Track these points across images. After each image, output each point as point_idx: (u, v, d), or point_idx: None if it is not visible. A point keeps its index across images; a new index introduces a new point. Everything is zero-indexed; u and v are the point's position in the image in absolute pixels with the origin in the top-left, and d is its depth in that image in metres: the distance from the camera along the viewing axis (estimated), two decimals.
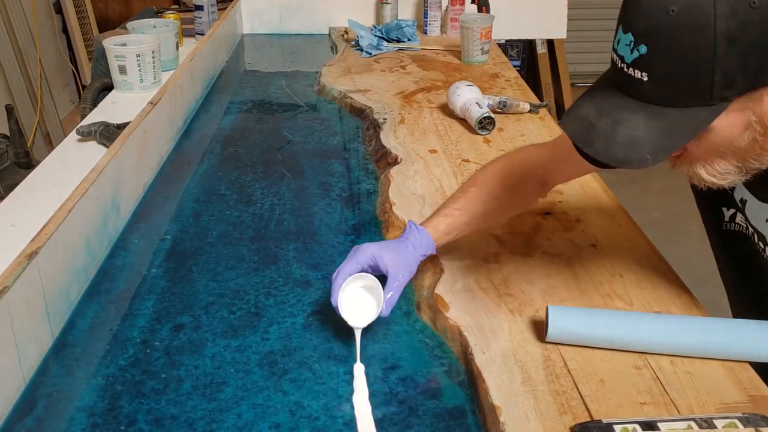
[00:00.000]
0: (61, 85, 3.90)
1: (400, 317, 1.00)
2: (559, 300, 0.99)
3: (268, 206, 1.32)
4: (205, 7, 2.27)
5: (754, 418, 0.76)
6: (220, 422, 0.81)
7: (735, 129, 0.72)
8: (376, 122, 1.65)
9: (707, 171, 0.78)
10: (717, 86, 0.67)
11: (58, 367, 0.91)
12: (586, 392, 0.82)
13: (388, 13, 2.43)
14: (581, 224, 1.19)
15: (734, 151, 0.75)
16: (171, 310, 1.01)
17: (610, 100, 0.72)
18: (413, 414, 0.83)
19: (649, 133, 0.70)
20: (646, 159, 0.70)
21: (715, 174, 0.78)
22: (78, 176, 1.13)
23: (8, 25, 3.28)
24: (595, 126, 0.72)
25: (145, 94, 1.70)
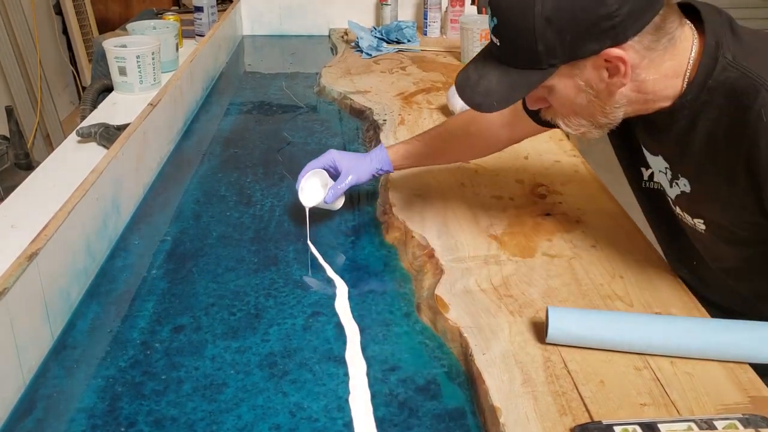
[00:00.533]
0: (61, 87, 3.90)
1: (400, 318, 1.00)
2: (560, 301, 0.99)
3: (268, 207, 1.32)
4: (204, 8, 2.27)
5: (754, 419, 0.76)
6: (220, 423, 0.81)
7: (570, 90, 0.88)
8: (375, 123, 1.65)
9: (565, 123, 0.95)
10: (542, 55, 0.83)
11: (58, 368, 0.91)
12: (587, 393, 0.82)
13: (388, 15, 2.43)
14: (581, 225, 1.20)
15: (579, 109, 0.91)
16: (171, 312, 1.01)
17: (484, 61, 0.90)
18: (413, 415, 0.83)
19: (499, 86, 0.88)
20: (494, 105, 0.89)
21: (571, 126, 0.94)
22: (78, 177, 1.13)
23: (8, 26, 3.28)
24: (469, 78, 0.91)
25: (145, 96, 1.70)
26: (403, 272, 1.12)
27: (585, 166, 1.43)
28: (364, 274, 1.11)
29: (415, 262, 1.13)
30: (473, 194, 1.30)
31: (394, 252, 1.17)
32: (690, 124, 0.89)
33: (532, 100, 0.94)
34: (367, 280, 1.10)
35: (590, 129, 0.93)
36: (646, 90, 0.88)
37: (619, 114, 0.91)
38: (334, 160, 1.21)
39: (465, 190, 1.31)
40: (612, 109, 0.89)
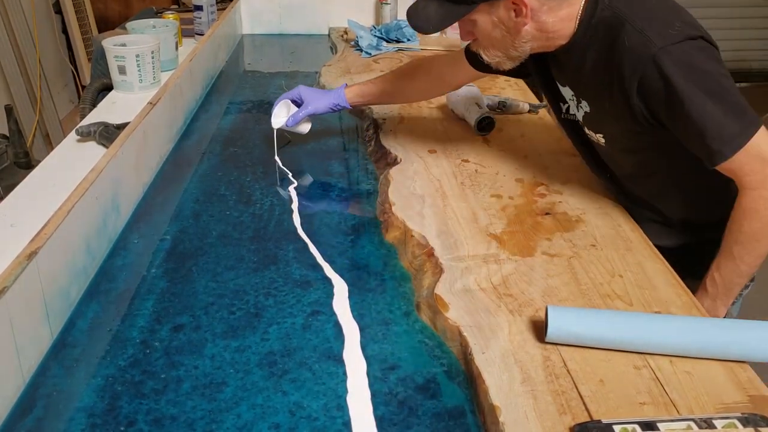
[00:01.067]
0: (61, 86, 3.89)
1: (400, 317, 1.00)
2: (559, 300, 0.99)
3: (268, 206, 1.32)
4: (204, 7, 2.27)
5: (754, 418, 0.76)
6: (219, 422, 0.81)
7: (488, 25, 1.12)
8: (375, 122, 1.65)
9: (486, 55, 1.18)
10: None
11: (58, 367, 0.91)
12: (586, 392, 0.82)
13: (388, 14, 2.43)
14: (581, 224, 1.20)
15: (495, 42, 1.14)
16: (171, 311, 1.01)
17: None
18: (413, 414, 0.83)
19: (435, 15, 1.12)
20: (430, 29, 1.13)
21: (489, 56, 1.18)
22: (78, 176, 1.13)
23: (8, 25, 3.28)
24: (417, 8, 1.14)
25: (145, 95, 1.70)
26: (403, 271, 1.12)
27: (585, 166, 1.42)
28: (364, 273, 1.11)
29: (414, 261, 1.13)
30: (473, 193, 1.30)
31: (393, 251, 1.17)
32: (582, 56, 1.12)
33: (464, 33, 1.18)
34: (367, 279, 1.10)
35: (504, 60, 1.18)
36: (547, 30, 1.10)
37: (526, 48, 1.14)
38: (300, 93, 1.50)
39: (465, 189, 1.31)
40: (520, 43, 1.13)
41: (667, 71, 1.00)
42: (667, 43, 1.01)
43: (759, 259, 1.06)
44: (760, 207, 1.02)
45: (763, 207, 1.02)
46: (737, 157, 1.00)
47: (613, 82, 1.07)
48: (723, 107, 1.00)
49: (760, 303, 2.61)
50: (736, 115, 1.00)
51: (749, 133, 1.00)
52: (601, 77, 1.09)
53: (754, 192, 1.02)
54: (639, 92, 1.04)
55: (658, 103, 1.03)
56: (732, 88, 1.02)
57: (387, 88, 1.51)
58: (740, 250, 1.05)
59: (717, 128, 0.99)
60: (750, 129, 1.00)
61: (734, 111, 1.00)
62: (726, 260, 1.07)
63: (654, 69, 1.01)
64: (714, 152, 1.01)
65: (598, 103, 1.14)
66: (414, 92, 1.55)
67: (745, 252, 1.05)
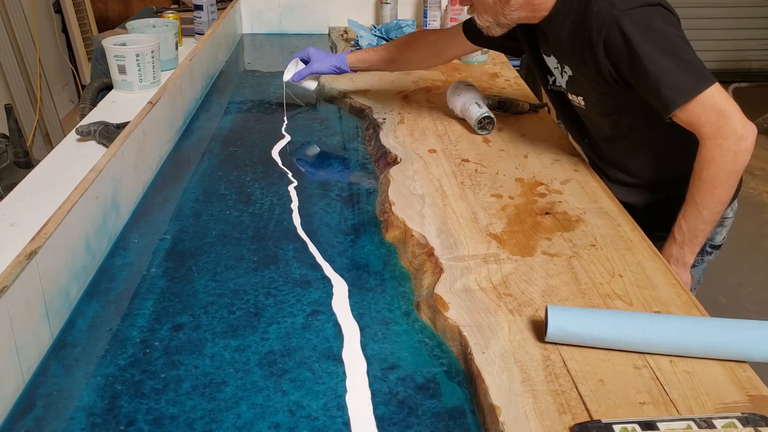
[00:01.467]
0: (61, 85, 3.89)
1: (400, 317, 1.00)
2: (559, 300, 0.99)
3: (268, 206, 1.32)
4: (204, 6, 2.27)
5: (753, 418, 0.76)
6: (219, 422, 0.81)
7: None
8: (375, 122, 1.65)
9: (479, 19, 1.32)
10: None
11: (58, 366, 0.91)
12: (586, 392, 0.82)
13: (388, 13, 2.43)
14: (581, 224, 1.20)
15: (488, 8, 1.28)
16: (170, 310, 1.01)
17: None
18: (413, 414, 0.83)
19: None
20: None
21: (483, 22, 1.32)
22: (77, 176, 1.13)
23: (8, 25, 3.28)
24: None
25: (145, 94, 1.71)
26: (403, 271, 1.12)
27: (585, 165, 1.43)
28: (364, 272, 1.11)
29: (414, 260, 1.13)
30: (473, 193, 1.30)
31: (393, 250, 1.17)
32: (561, 25, 1.24)
33: None
34: (367, 278, 1.10)
35: (494, 26, 1.32)
36: (533, 1, 1.25)
37: (514, 16, 1.28)
38: (308, 53, 1.70)
39: (465, 189, 1.32)
40: (509, 11, 1.27)
41: (627, 31, 1.13)
42: (628, 7, 1.13)
43: (719, 205, 1.16)
44: (716, 155, 1.12)
45: (719, 155, 1.12)
46: (692, 108, 1.11)
47: (585, 45, 1.20)
48: (678, 63, 1.12)
49: (760, 303, 2.61)
50: (691, 70, 1.12)
51: (703, 86, 1.10)
52: (577, 42, 1.23)
53: (711, 141, 1.12)
54: (605, 52, 1.17)
55: (622, 61, 1.16)
56: (688, 49, 1.14)
57: (386, 56, 1.67)
58: (702, 197, 1.15)
59: (671, 80, 1.11)
60: (704, 83, 1.11)
61: (689, 67, 1.12)
62: (690, 208, 1.17)
63: (616, 30, 1.14)
64: (669, 101, 1.12)
65: (577, 68, 1.28)
66: (411, 61, 1.69)
67: (706, 198, 1.15)
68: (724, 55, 4.84)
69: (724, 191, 1.15)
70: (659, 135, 1.27)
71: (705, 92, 1.10)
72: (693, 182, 1.16)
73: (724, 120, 1.11)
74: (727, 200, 1.16)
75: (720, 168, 1.13)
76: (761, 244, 3.03)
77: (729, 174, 1.14)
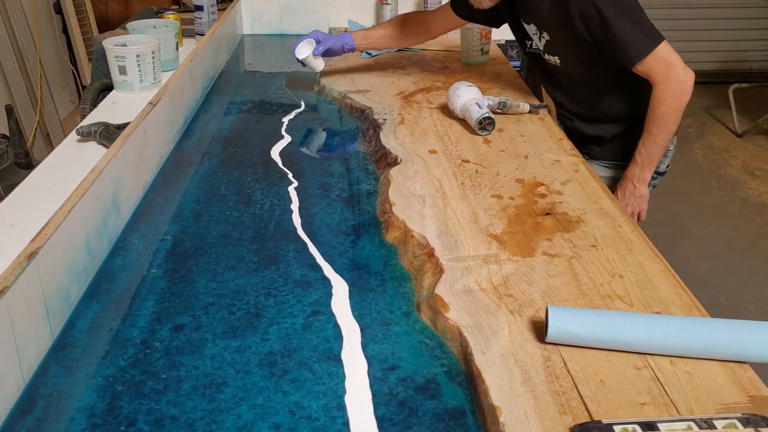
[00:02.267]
0: (61, 86, 3.90)
1: (400, 317, 1.00)
2: (559, 300, 0.99)
3: (268, 206, 1.32)
4: (205, 7, 2.27)
5: (754, 418, 0.76)
6: (220, 423, 0.81)
7: None
8: (376, 123, 1.65)
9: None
10: None
11: (58, 367, 0.91)
12: (586, 393, 0.82)
13: (388, 14, 2.43)
14: (581, 224, 1.20)
15: None
16: (171, 311, 1.01)
17: None
18: (413, 414, 0.83)
19: None
20: None
21: None
22: (78, 176, 1.13)
23: (8, 25, 3.28)
24: None
25: (145, 95, 1.71)
26: (403, 271, 1.12)
27: (585, 165, 1.43)
28: (364, 273, 1.11)
29: (414, 261, 1.13)
30: (473, 194, 1.30)
31: (393, 251, 1.17)
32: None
33: None
34: (367, 279, 1.10)
35: None
36: None
37: None
38: (317, 36, 1.90)
39: (465, 189, 1.32)
40: None
41: (600, 4, 1.45)
42: None
43: (669, 134, 1.52)
44: (665, 96, 1.47)
45: (668, 96, 1.47)
46: (648, 61, 1.45)
47: (564, 16, 1.51)
48: (637, 27, 1.46)
49: (761, 303, 2.61)
50: (646, 32, 1.46)
51: (656, 44, 1.45)
52: (555, 13, 1.53)
53: (661, 86, 1.47)
54: (581, 19, 1.49)
55: (595, 28, 1.48)
56: (642, 14, 1.49)
57: (386, 34, 1.94)
58: (656, 129, 1.51)
59: (633, 41, 1.45)
60: (656, 41, 1.45)
61: (644, 30, 1.47)
62: (647, 137, 1.53)
63: (591, 3, 1.46)
64: (632, 58, 1.46)
65: (555, 32, 1.58)
66: (406, 38, 1.96)
67: (659, 129, 1.51)
68: (724, 56, 4.84)
69: (672, 123, 1.50)
70: (619, 81, 1.58)
71: (657, 48, 1.45)
72: (648, 117, 1.51)
73: (671, 69, 1.45)
74: (674, 130, 1.52)
75: (669, 105, 1.48)
76: (761, 245, 3.03)
77: (675, 110, 1.49)
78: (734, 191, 3.48)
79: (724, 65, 4.83)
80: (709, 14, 4.72)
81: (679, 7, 4.67)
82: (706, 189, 3.51)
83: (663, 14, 4.66)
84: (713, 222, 3.21)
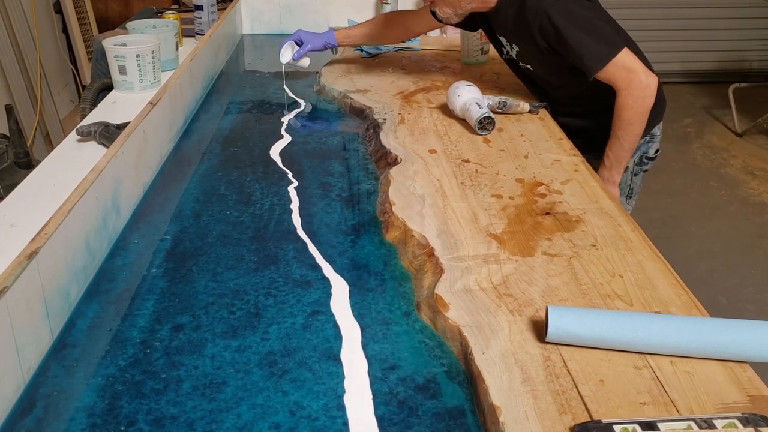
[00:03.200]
0: (61, 85, 3.89)
1: (400, 317, 1.00)
2: (559, 300, 0.99)
3: (268, 206, 1.32)
4: (204, 7, 2.27)
5: (754, 418, 0.76)
6: (219, 422, 0.81)
7: None
8: (375, 122, 1.65)
9: (440, 12, 1.70)
10: None
11: (58, 367, 0.91)
12: (586, 392, 0.82)
13: None
14: (581, 224, 1.20)
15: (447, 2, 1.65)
16: (171, 310, 1.01)
17: None
18: (413, 414, 0.83)
19: None
20: None
21: (443, 12, 1.69)
22: (78, 176, 1.13)
23: (8, 25, 3.28)
24: None
25: (145, 95, 1.71)
26: (403, 271, 1.12)
27: (585, 165, 1.43)
28: (364, 272, 1.11)
29: (414, 261, 1.13)
30: (473, 193, 1.30)
31: (393, 251, 1.17)
32: (506, 13, 1.61)
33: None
34: (367, 279, 1.10)
35: (452, 16, 1.69)
36: None
37: (468, 8, 1.66)
38: (299, 36, 1.98)
39: (465, 189, 1.32)
40: (465, 4, 1.64)
41: (554, 19, 1.51)
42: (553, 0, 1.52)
43: (635, 137, 1.56)
44: (629, 102, 1.51)
45: (631, 101, 1.51)
46: (608, 69, 1.50)
47: (525, 30, 1.58)
48: (594, 38, 1.50)
49: (761, 303, 2.61)
50: (604, 42, 1.50)
51: (614, 52, 1.49)
52: (518, 28, 1.60)
53: (624, 92, 1.51)
54: (540, 34, 1.54)
55: (553, 40, 1.54)
56: (601, 25, 1.53)
57: (367, 32, 2.00)
58: (621, 133, 1.55)
59: (590, 51, 1.50)
60: (615, 50, 1.49)
61: (602, 39, 1.51)
62: (613, 141, 1.57)
63: (546, 18, 1.52)
64: (590, 67, 1.51)
65: (521, 44, 1.67)
66: (387, 37, 2.02)
67: (624, 134, 1.55)
68: (724, 56, 4.84)
69: (637, 126, 1.54)
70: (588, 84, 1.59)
71: (616, 57, 1.49)
72: (614, 122, 1.55)
73: (633, 75, 1.49)
74: (640, 132, 1.56)
75: (633, 110, 1.51)
76: (761, 245, 3.03)
77: (639, 114, 1.52)
78: (734, 191, 3.48)
79: (724, 65, 4.83)
80: (709, 14, 4.72)
81: (679, 7, 4.67)
82: (706, 189, 3.51)
83: (663, 14, 4.67)
84: (713, 222, 3.21)
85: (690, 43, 4.77)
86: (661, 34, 4.70)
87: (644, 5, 4.64)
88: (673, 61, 4.80)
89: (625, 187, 1.75)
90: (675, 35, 4.74)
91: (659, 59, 4.72)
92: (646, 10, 4.64)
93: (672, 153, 3.83)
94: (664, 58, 4.77)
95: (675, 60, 4.81)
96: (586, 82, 1.58)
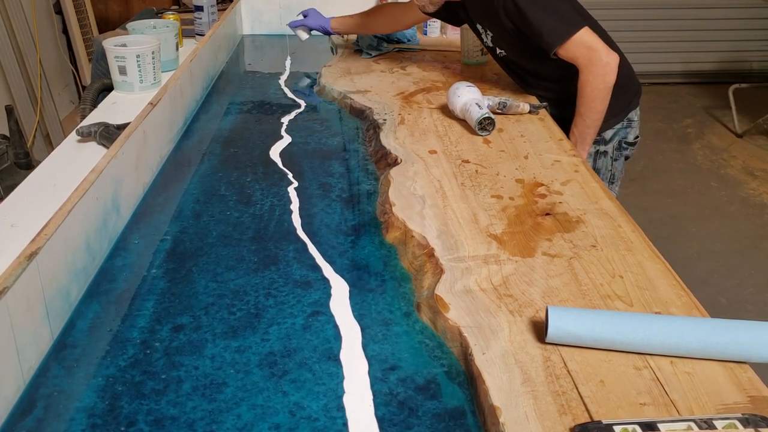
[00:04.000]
0: (61, 86, 3.90)
1: (400, 318, 1.00)
2: (559, 301, 0.99)
3: (268, 207, 1.32)
4: (205, 7, 2.27)
5: (754, 418, 0.76)
6: (220, 423, 0.81)
7: None
8: (375, 123, 1.65)
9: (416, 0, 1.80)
10: None
11: (58, 367, 0.91)
12: (586, 393, 0.82)
13: None
14: (581, 224, 1.20)
15: None
16: (171, 311, 1.01)
17: None
18: (413, 414, 0.83)
19: None
20: None
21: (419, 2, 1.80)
22: (78, 177, 1.13)
23: (8, 25, 3.28)
24: None
25: (145, 95, 1.71)
26: (403, 272, 1.12)
27: (585, 166, 1.43)
28: (364, 273, 1.12)
29: (415, 261, 1.13)
30: (473, 194, 1.30)
31: (394, 251, 1.17)
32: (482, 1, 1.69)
33: None
34: (367, 279, 1.10)
35: (427, 4, 1.78)
36: None
37: None
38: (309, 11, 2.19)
39: (465, 189, 1.32)
40: None
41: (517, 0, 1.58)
42: None
43: (598, 113, 1.60)
44: (590, 79, 1.57)
45: (592, 78, 1.56)
46: (568, 47, 1.56)
47: (492, 13, 1.65)
48: (554, 17, 1.57)
49: (761, 303, 2.61)
50: (563, 20, 1.57)
51: (574, 30, 1.55)
52: (486, 11, 1.69)
53: (586, 69, 1.57)
54: (506, 16, 1.62)
55: (516, 20, 1.61)
56: (561, 5, 1.61)
57: (359, 22, 2.10)
58: (585, 110, 1.61)
59: (549, 29, 1.56)
60: (574, 28, 1.55)
61: (562, 18, 1.57)
62: (577, 119, 1.63)
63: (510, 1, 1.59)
64: (550, 44, 1.57)
65: (493, 29, 1.73)
66: (378, 26, 2.12)
67: (587, 110, 1.60)
68: (724, 56, 4.83)
69: (600, 103, 1.59)
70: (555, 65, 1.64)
71: (576, 35, 1.54)
72: (578, 100, 1.60)
73: (593, 52, 1.55)
74: (603, 110, 1.60)
75: (594, 87, 1.57)
76: (761, 245, 3.03)
77: (601, 90, 1.57)
78: (734, 191, 3.48)
79: (724, 65, 4.83)
80: (709, 14, 4.72)
81: (679, 7, 4.67)
82: (706, 189, 3.51)
83: (663, 14, 4.66)
84: (713, 222, 3.21)
85: (690, 43, 4.77)
86: (661, 34, 4.70)
87: (645, 5, 4.64)
88: (673, 61, 4.80)
89: (606, 173, 1.80)
90: (675, 35, 4.74)
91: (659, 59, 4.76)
92: (646, 10, 4.64)
93: (672, 153, 3.83)
94: (664, 58, 4.77)
95: (675, 60, 4.81)
96: (553, 63, 1.64)
